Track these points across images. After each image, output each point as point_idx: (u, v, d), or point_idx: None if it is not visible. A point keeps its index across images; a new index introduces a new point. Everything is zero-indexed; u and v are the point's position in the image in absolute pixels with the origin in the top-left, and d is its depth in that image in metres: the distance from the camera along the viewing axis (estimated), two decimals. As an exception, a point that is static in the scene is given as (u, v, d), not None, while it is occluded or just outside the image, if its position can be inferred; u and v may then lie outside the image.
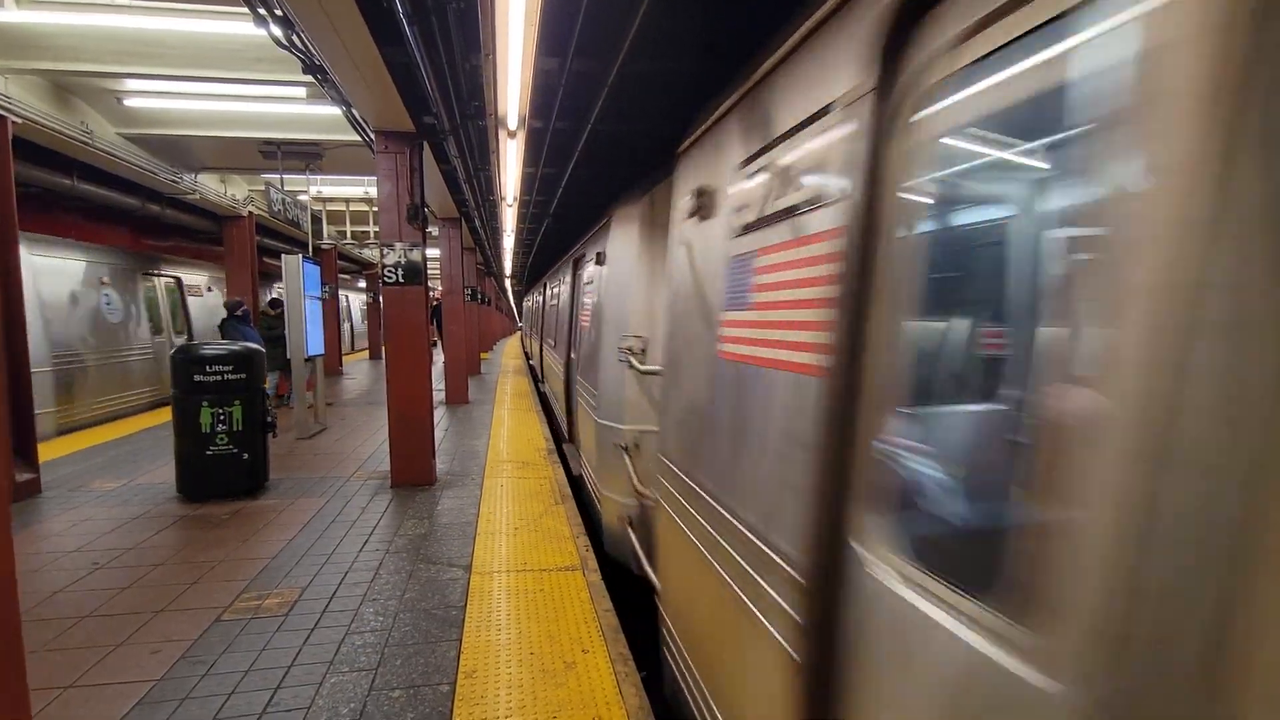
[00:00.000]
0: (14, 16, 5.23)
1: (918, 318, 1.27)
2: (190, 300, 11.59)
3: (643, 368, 3.98)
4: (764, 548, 1.69)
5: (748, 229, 1.96)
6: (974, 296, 1.56)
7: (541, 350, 12.18)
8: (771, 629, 1.61)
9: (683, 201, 2.72)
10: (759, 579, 1.71)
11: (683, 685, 2.44)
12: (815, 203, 1.54)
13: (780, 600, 1.57)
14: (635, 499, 4.17)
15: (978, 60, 1.09)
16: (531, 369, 15.91)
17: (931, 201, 1.28)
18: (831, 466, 1.39)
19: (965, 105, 1.15)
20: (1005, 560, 0.96)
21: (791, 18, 1.77)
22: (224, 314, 8.43)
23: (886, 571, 1.24)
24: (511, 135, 3.80)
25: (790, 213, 1.67)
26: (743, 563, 1.82)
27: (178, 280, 11.28)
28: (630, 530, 4.19)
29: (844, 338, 1.37)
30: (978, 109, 1.13)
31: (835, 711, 1.38)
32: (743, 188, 2.04)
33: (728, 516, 1.97)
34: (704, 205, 2.40)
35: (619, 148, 5.69)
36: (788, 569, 1.53)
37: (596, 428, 4.79)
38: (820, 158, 1.55)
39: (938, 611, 1.09)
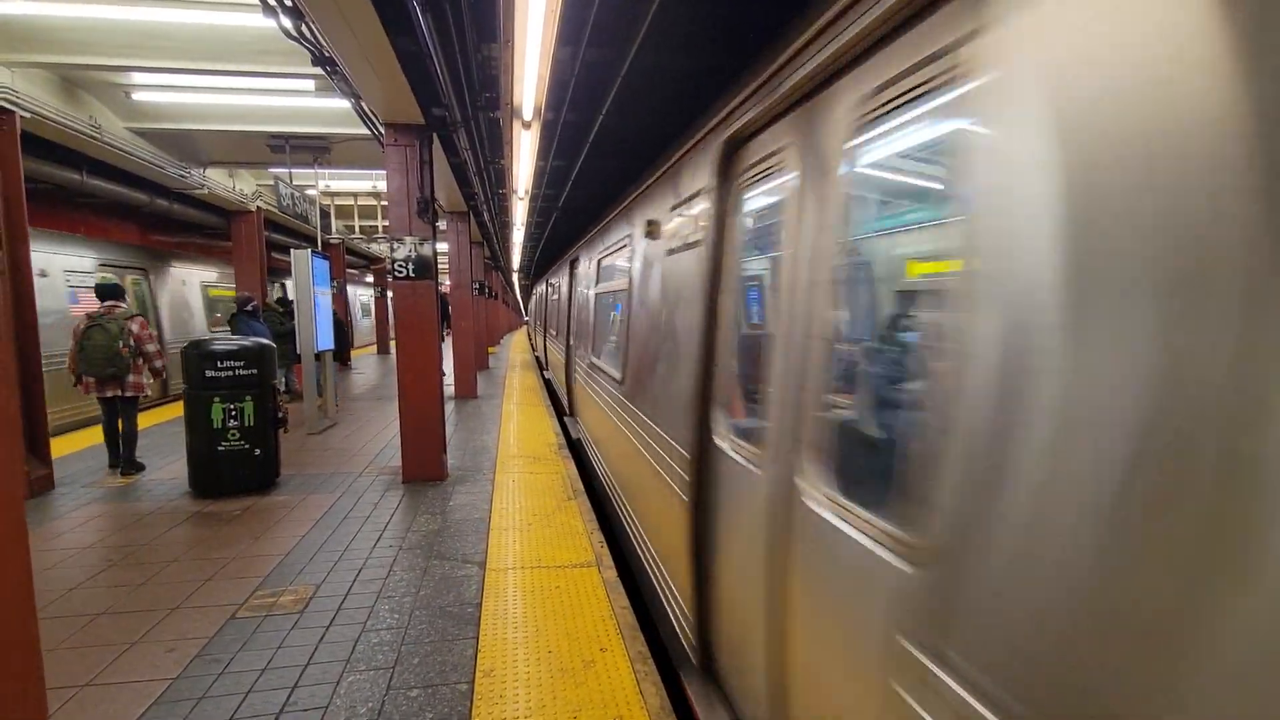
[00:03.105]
0: (22, 9, 5.19)
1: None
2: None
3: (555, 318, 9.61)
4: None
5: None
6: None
7: (538, 327, 18.11)
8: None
9: (560, 274, 8.87)
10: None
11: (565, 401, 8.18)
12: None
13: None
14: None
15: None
16: (531, 341, 17.13)
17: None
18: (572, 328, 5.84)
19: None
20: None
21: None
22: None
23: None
24: (526, 126, 3.74)
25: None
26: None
27: None
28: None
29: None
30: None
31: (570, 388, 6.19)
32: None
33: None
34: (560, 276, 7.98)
35: (628, 141, 5.62)
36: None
37: (541, 331, 13.42)
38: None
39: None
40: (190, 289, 11.20)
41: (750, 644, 2.14)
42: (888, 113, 1.53)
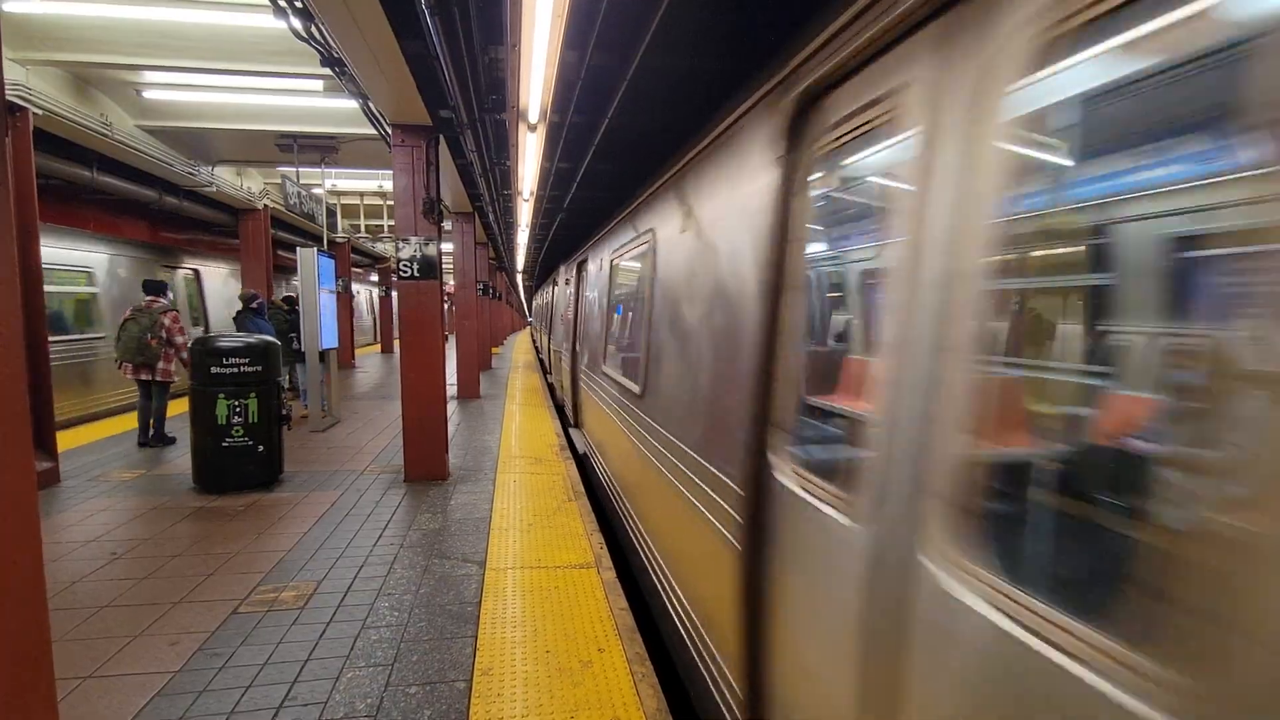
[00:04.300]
0: (37, 8, 5.25)
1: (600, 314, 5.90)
2: None
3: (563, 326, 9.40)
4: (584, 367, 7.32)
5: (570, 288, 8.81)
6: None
7: (542, 334, 18.03)
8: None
9: (568, 275, 9.31)
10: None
11: (585, 436, 7.18)
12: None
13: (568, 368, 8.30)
14: (567, 380, 8.76)
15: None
16: (536, 349, 17.66)
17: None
18: (574, 337, 7.99)
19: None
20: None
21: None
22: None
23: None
24: (532, 129, 3.77)
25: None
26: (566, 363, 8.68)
27: None
28: (563, 393, 9.27)
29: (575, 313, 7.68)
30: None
31: (575, 397, 7.78)
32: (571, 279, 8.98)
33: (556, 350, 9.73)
34: (568, 280, 9.29)
35: (633, 143, 5.65)
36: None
37: (553, 352, 11.44)
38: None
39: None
40: None
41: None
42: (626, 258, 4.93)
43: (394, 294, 19.08)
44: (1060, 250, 1.91)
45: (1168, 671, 0.81)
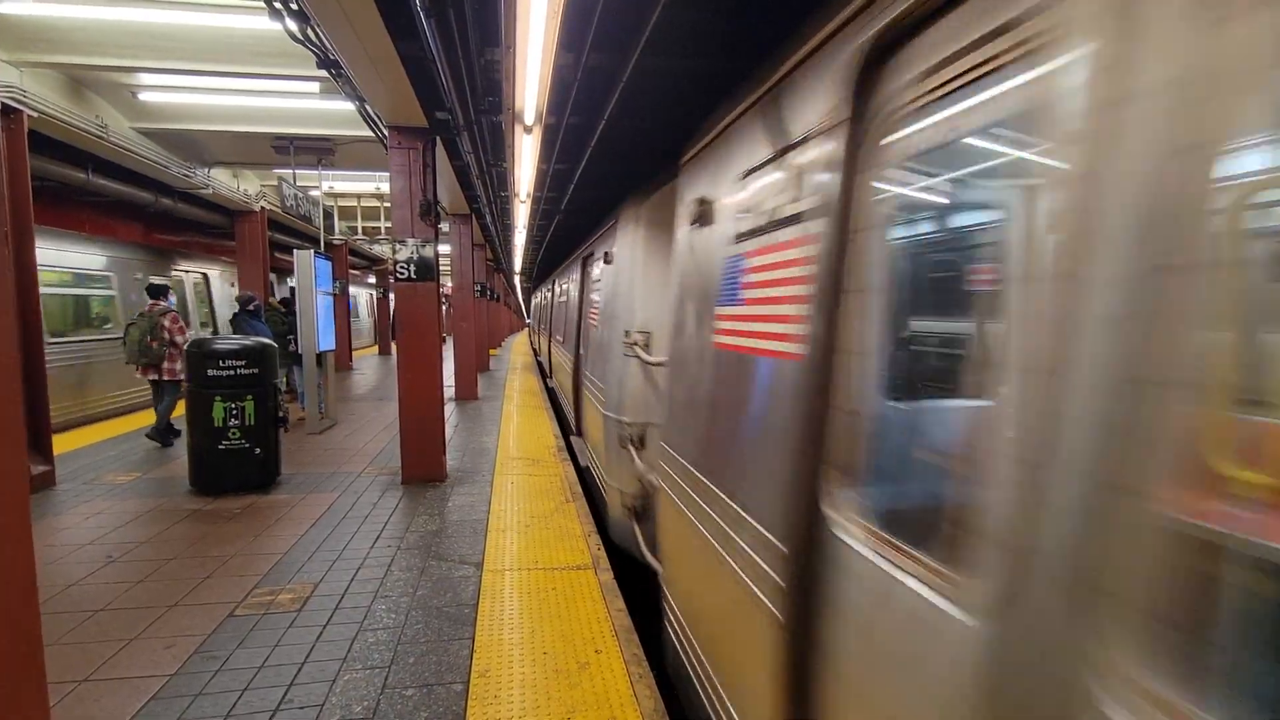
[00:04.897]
0: (31, 10, 5.24)
1: (886, 315, 1.43)
2: None
3: (650, 359, 4.00)
4: (753, 522, 1.84)
5: (741, 237, 2.16)
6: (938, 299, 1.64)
7: (550, 347, 12.45)
8: (760, 594, 1.77)
9: (685, 209, 2.92)
10: (749, 551, 1.86)
11: (684, 657, 2.58)
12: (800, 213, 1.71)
13: (767, 569, 1.73)
14: (639, 488, 4.16)
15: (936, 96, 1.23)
16: (540, 365, 16.73)
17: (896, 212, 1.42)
18: (809, 444, 1.58)
19: (925, 133, 1.28)
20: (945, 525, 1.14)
21: (803, 23, 1.85)
22: None
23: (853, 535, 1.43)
24: (528, 130, 3.77)
25: (782, 223, 1.83)
26: (735, 537, 1.97)
27: None
28: (633, 518, 4.20)
29: (822, 331, 1.56)
30: (936, 136, 1.25)
31: (813, 663, 1.55)
32: (739, 199, 2.21)
33: (722, 496, 2.11)
34: (704, 214, 2.57)
35: (632, 143, 5.65)
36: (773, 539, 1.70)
37: (604, 420, 4.89)
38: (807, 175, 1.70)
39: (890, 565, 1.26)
40: None
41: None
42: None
43: (391, 295, 19.08)
44: None
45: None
